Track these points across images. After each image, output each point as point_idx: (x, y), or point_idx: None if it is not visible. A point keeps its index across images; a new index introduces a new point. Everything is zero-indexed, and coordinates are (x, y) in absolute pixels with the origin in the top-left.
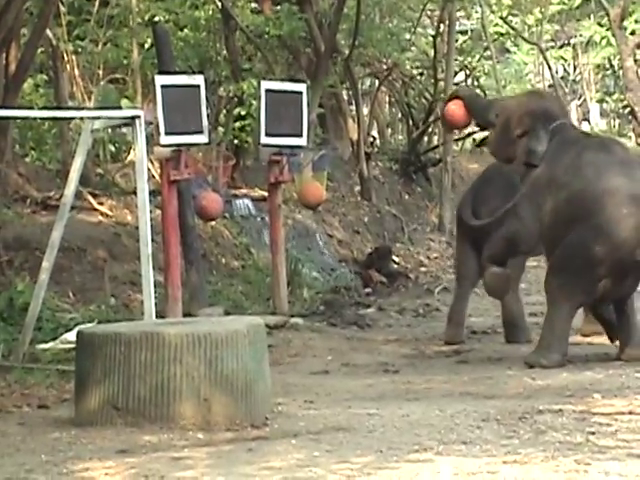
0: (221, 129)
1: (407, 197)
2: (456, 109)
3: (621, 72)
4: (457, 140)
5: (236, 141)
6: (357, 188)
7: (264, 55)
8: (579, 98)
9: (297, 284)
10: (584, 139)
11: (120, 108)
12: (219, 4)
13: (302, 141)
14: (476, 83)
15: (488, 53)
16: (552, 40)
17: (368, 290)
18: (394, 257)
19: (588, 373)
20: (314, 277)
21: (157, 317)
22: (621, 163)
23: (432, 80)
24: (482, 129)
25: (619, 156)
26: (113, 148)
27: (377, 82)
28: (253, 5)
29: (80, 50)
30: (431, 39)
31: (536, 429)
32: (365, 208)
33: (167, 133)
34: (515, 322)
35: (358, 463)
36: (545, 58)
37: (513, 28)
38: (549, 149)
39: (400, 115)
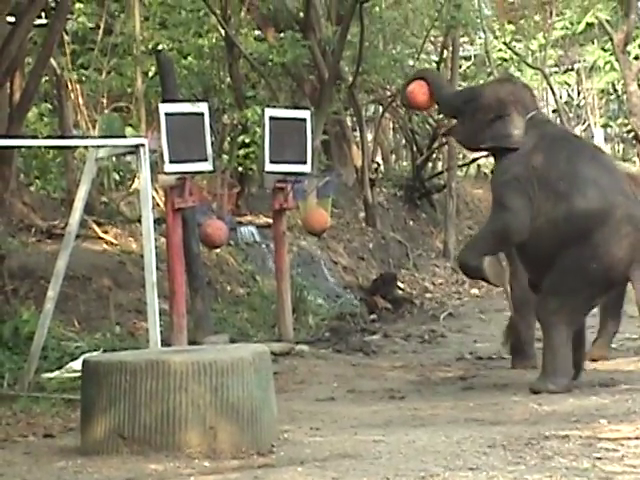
0: (225, 157)
1: (412, 223)
2: (420, 91)
3: (625, 97)
4: (461, 166)
5: (240, 168)
6: (362, 214)
7: (268, 82)
8: (583, 123)
9: (302, 311)
10: (570, 139)
11: (124, 136)
12: (223, 32)
13: (306, 168)
14: None
15: (492, 79)
16: (556, 65)
17: (373, 316)
18: (399, 283)
19: (594, 398)
20: (319, 304)
21: (162, 345)
22: (616, 178)
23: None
24: (447, 117)
25: (612, 169)
26: (117, 176)
27: (381, 108)
28: (257, 33)
29: (84, 79)
30: (435, 65)
31: (543, 455)
32: (370, 234)
33: (171, 161)
34: (522, 348)
35: None
36: (549, 83)
37: (517, 53)
38: (531, 141)
39: (404, 141)
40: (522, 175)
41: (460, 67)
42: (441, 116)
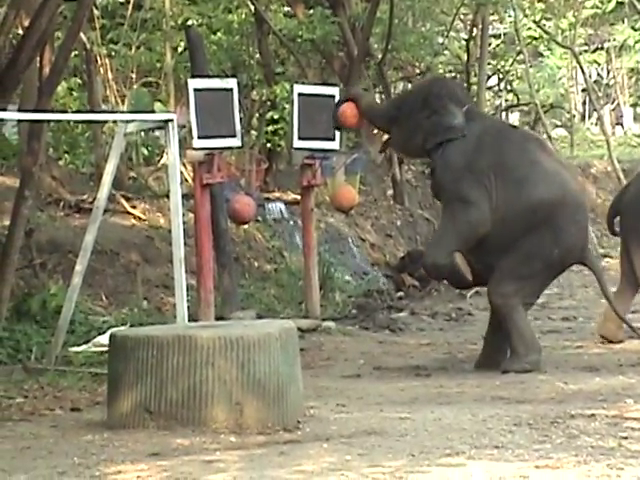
0: (254, 133)
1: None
2: (350, 112)
3: None
4: None
5: (269, 145)
6: (389, 192)
7: (297, 59)
8: (612, 102)
9: (329, 288)
10: (514, 130)
11: (153, 112)
12: (252, 8)
13: (335, 145)
14: (509, 87)
15: (521, 57)
16: (585, 44)
17: (400, 294)
18: None
19: (620, 378)
20: (346, 281)
21: (189, 320)
22: (563, 166)
23: (465, 84)
24: (383, 130)
25: (557, 158)
26: (146, 151)
27: (410, 85)
28: (286, 9)
29: (114, 54)
30: (464, 43)
31: (568, 434)
32: (397, 212)
33: (200, 137)
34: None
35: (390, 467)
36: (578, 62)
37: (546, 32)
38: (475, 132)
39: None
40: (475, 167)
41: (489, 45)
42: (470, 95)
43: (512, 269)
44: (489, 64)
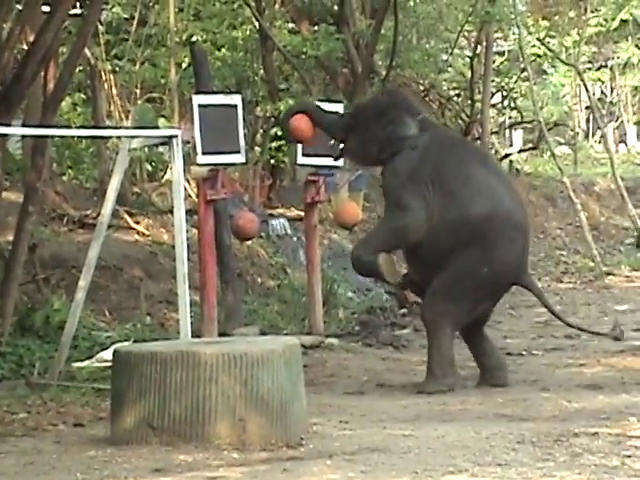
0: (258, 149)
1: None
2: (304, 125)
3: None
4: None
5: (273, 161)
6: None
7: (301, 75)
8: (616, 120)
9: (332, 304)
10: (461, 143)
11: (157, 127)
12: (257, 24)
13: (339, 161)
14: (513, 104)
15: (525, 74)
16: (589, 62)
17: (403, 311)
18: None
19: (624, 396)
20: (349, 297)
21: (193, 336)
22: (504, 182)
23: (469, 101)
24: (337, 140)
25: (500, 174)
26: (150, 167)
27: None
28: (291, 25)
29: (118, 69)
30: (468, 60)
31: (572, 452)
32: None
33: (204, 152)
34: None
35: None
36: (582, 80)
37: (550, 50)
38: (424, 143)
39: None
40: (417, 176)
41: (493, 62)
42: (474, 112)
43: (444, 287)
44: (493, 81)
